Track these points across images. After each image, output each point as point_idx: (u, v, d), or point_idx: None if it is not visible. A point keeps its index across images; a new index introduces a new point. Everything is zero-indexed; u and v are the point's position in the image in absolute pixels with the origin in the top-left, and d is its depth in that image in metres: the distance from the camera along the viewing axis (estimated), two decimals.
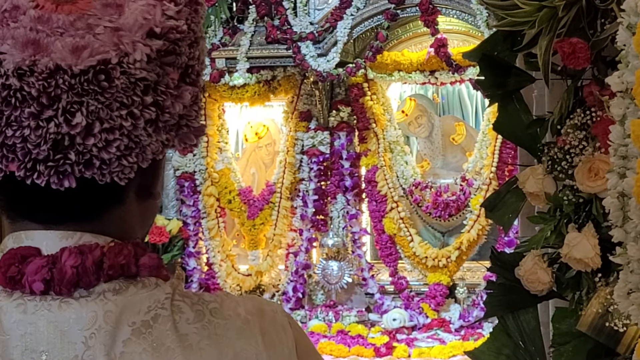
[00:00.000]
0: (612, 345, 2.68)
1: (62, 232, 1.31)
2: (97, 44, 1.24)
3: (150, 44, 1.26)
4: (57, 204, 1.30)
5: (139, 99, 1.26)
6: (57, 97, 1.22)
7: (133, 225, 1.38)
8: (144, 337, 1.26)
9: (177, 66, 1.30)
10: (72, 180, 1.26)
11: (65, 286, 1.27)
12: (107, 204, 1.33)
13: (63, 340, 1.25)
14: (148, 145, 1.29)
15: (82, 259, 1.27)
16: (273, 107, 8.78)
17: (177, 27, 1.30)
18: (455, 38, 7.99)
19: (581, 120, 2.77)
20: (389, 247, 8.37)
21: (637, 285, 1.84)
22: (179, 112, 1.32)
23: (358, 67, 7.91)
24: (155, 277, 1.32)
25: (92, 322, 1.26)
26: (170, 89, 1.30)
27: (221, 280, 8.55)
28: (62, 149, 1.24)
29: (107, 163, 1.26)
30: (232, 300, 1.37)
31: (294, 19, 7.93)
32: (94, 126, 1.24)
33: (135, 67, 1.25)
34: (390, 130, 8.38)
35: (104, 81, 1.23)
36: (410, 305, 8.20)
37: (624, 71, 1.87)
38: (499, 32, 2.97)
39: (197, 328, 1.30)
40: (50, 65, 1.22)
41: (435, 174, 8.51)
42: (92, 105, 1.23)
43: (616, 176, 1.93)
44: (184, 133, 1.34)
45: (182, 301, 1.31)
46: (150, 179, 1.38)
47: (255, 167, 8.92)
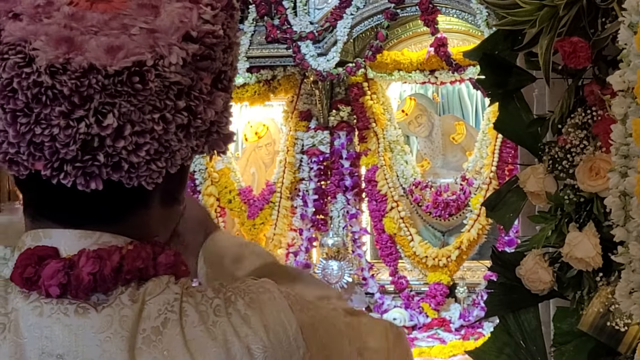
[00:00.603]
0: (613, 344, 2.68)
1: (82, 231, 1.29)
2: (133, 45, 1.22)
3: (186, 47, 1.24)
4: (81, 206, 1.29)
5: (172, 103, 1.24)
6: (89, 97, 1.20)
7: (156, 229, 1.37)
8: (154, 345, 1.26)
9: (211, 71, 1.29)
10: (99, 183, 1.24)
11: (82, 291, 1.26)
12: (131, 208, 1.32)
13: (78, 343, 1.24)
14: (178, 151, 1.27)
15: (100, 265, 1.26)
16: (273, 106, 8.77)
17: (214, 32, 1.28)
18: (455, 37, 7.98)
19: (582, 120, 2.77)
20: (389, 247, 8.37)
21: (639, 284, 1.84)
22: (211, 119, 1.30)
23: (358, 66, 7.90)
24: (169, 275, 1.31)
25: (108, 326, 1.25)
26: (203, 94, 1.28)
27: None
28: (91, 150, 1.22)
29: (135, 167, 1.24)
30: (232, 292, 1.34)
31: (294, 19, 7.92)
32: (125, 128, 1.22)
33: (170, 70, 1.23)
34: (390, 129, 8.37)
35: (137, 83, 1.21)
36: (411, 305, 8.20)
37: (625, 70, 1.87)
38: (500, 31, 2.97)
39: (202, 331, 1.28)
40: (84, 64, 1.20)
41: (435, 174, 8.51)
42: (124, 107, 1.21)
43: (618, 175, 1.93)
44: (214, 140, 1.33)
45: (187, 302, 1.30)
46: (176, 185, 1.38)
47: (255, 167, 8.91)
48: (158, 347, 1.25)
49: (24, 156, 1.24)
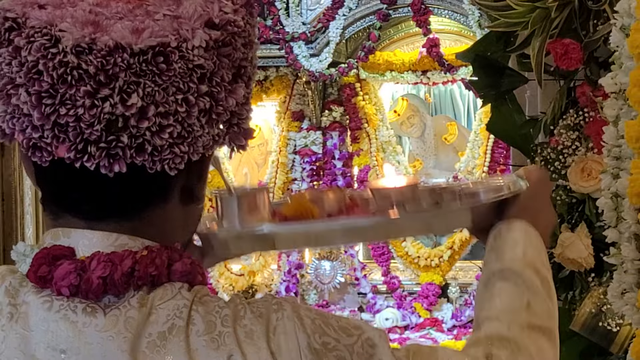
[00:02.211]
0: (605, 345, 2.69)
1: (100, 232, 1.30)
2: (157, 28, 1.24)
3: (208, 32, 1.27)
4: (102, 195, 1.30)
5: (194, 85, 1.26)
6: (114, 76, 1.22)
7: (175, 228, 1.38)
8: (157, 351, 1.26)
9: (232, 61, 1.31)
10: (123, 165, 1.25)
11: (93, 293, 1.27)
12: (151, 201, 1.33)
13: (81, 341, 1.25)
14: (200, 137, 1.29)
15: (111, 270, 1.26)
16: (265, 107, 8.76)
17: (235, 21, 1.30)
18: (447, 38, 7.98)
19: (574, 121, 2.78)
20: (381, 247, 8.36)
21: (631, 285, 1.85)
22: (232, 108, 1.32)
23: (350, 67, 7.91)
24: (182, 283, 1.31)
25: (112, 326, 1.26)
26: (225, 82, 1.30)
27: (214, 280, 8.54)
28: (115, 131, 1.24)
29: (158, 150, 1.25)
30: (242, 306, 1.34)
31: (286, 19, 7.92)
32: (149, 109, 1.23)
33: (194, 53, 1.25)
34: (383, 130, 8.37)
35: (162, 63, 1.23)
36: (403, 305, 8.20)
37: (617, 72, 1.88)
38: (492, 32, 2.98)
39: (206, 341, 1.27)
40: (110, 43, 1.22)
41: (427, 174, 8.51)
42: (148, 86, 1.23)
43: (610, 177, 1.94)
44: (234, 132, 1.35)
45: (196, 310, 1.30)
46: (196, 180, 1.38)
47: (248, 167, 8.91)
48: (161, 352, 1.25)
49: (48, 139, 1.25)
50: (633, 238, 1.84)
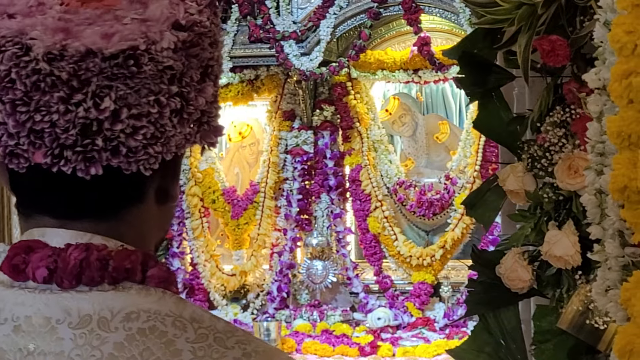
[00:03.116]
0: (592, 342, 2.68)
1: (74, 231, 1.31)
2: (126, 32, 1.26)
3: (176, 34, 1.29)
4: (80, 198, 1.31)
5: (165, 87, 1.28)
6: (87, 81, 1.24)
7: (150, 228, 1.39)
8: (136, 345, 1.25)
9: (200, 60, 1.33)
10: (99, 168, 1.26)
11: (67, 277, 1.27)
12: (127, 201, 1.34)
13: (52, 335, 1.25)
14: (172, 137, 1.31)
15: (87, 254, 1.28)
16: (256, 106, 8.77)
17: (201, 22, 1.33)
18: (438, 37, 7.99)
19: (561, 118, 2.77)
20: (373, 246, 8.37)
21: (615, 282, 1.83)
22: (202, 107, 1.34)
23: (341, 66, 7.90)
24: (162, 290, 1.31)
25: (86, 324, 1.26)
26: (194, 82, 1.32)
27: (205, 280, 8.53)
28: (90, 135, 1.25)
29: (133, 151, 1.27)
30: (246, 337, 1.33)
31: (277, 18, 7.92)
32: (122, 112, 1.25)
33: (163, 55, 1.27)
34: (374, 129, 8.37)
35: (132, 66, 1.25)
36: (395, 304, 8.20)
37: (600, 68, 1.86)
38: (479, 29, 2.97)
39: (194, 347, 1.27)
40: (81, 49, 1.23)
41: (419, 173, 8.51)
42: (121, 90, 1.25)
43: (593, 173, 1.92)
44: (205, 130, 1.37)
45: (189, 323, 1.29)
46: (170, 180, 1.39)
47: (239, 167, 8.90)
48: (140, 347, 1.25)
49: (24, 146, 1.26)
50: (617, 234, 1.82)
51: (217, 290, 8.58)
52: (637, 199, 1.58)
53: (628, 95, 1.58)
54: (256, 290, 8.60)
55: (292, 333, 8.03)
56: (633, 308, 1.54)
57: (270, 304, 8.42)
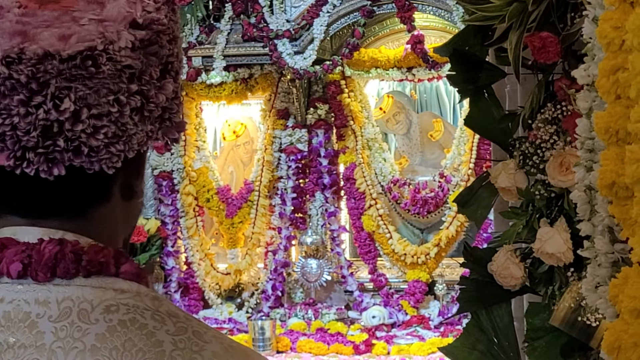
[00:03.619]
0: (584, 339, 2.68)
1: (45, 229, 1.32)
2: (84, 33, 1.27)
3: (133, 33, 1.30)
4: (44, 197, 1.32)
5: (124, 86, 1.29)
6: (46, 83, 1.25)
7: (117, 225, 1.40)
8: (117, 336, 1.27)
9: (159, 58, 1.34)
10: (62, 168, 1.27)
11: (42, 270, 1.28)
12: (92, 200, 1.35)
13: (32, 328, 1.26)
14: (134, 135, 1.32)
15: (61, 247, 1.29)
16: (251, 105, 8.76)
17: (159, 19, 1.34)
18: (432, 34, 7.98)
19: (552, 115, 2.77)
20: (367, 245, 8.36)
21: (605, 278, 1.83)
22: (162, 104, 1.35)
23: (335, 64, 7.89)
24: (137, 284, 1.33)
25: (66, 316, 1.27)
26: (154, 79, 1.33)
27: (200, 279, 8.52)
28: (51, 136, 1.26)
29: (95, 150, 1.28)
30: (219, 334, 1.36)
31: (270, 17, 7.91)
32: (82, 112, 1.26)
33: (121, 54, 1.28)
34: (368, 127, 8.36)
35: (91, 67, 1.26)
36: (390, 303, 8.19)
37: (589, 64, 1.87)
38: (470, 26, 2.97)
39: (175, 339, 1.29)
40: (38, 52, 1.24)
41: (413, 171, 8.51)
42: (80, 90, 1.25)
43: (583, 169, 1.93)
44: (167, 127, 1.38)
45: (167, 317, 1.31)
46: (134, 176, 1.41)
47: (234, 166, 8.89)
48: (122, 338, 1.27)
49: None
50: (606, 231, 1.83)
51: (212, 289, 8.57)
52: (625, 195, 1.58)
53: (615, 91, 1.58)
54: (251, 289, 8.59)
55: (286, 332, 8.02)
56: (621, 304, 1.54)
57: (265, 302, 8.41)
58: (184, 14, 7.94)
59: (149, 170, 8.51)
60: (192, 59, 8.09)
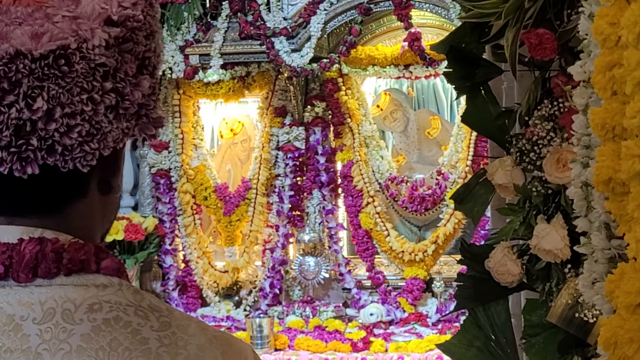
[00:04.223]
0: (582, 336, 2.68)
1: (24, 227, 1.31)
2: (56, 31, 1.26)
3: (108, 30, 1.29)
4: (20, 195, 1.31)
5: (98, 84, 1.28)
6: (17, 82, 1.24)
7: (95, 220, 1.39)
8: (103, 335, 1.26)
9: (134, 55, 1.33)
10: (35, 167, 1.27)
11: (24, 271, 1.28)
12: (69, 196, 1.35)
13: (17, 332, 1.25)
14: (109, 132, 1.31)
15: (42, 246, 1.29)
16: (248, 103, 8.76)
17: (134, 16, 1.32)
18: (429, 32, 7.98)
19: (549, 111, 2.77)
20: (365, 242, 8.37)
21: (602, 274, 1.83)
22: (138, 101, 1.34)
23: (332, 62, 7.89)
24: (118, 279, 1.33)
25: (50, 317, 1.26)
26: (129, 76, 1.32)
27: (198, 277, 8.52)
28: (24, 135, 1.25)
29: (69, 149, 1.27)
30: (204, 324, 1.37)
31: (267, 15, 7.91)
32: (55, 111, 1.25)
33: (94, 52, 1.27)
34: (366, 125, 8.37)
35: (63, 65, 1.25)
36: (388, 300, 8.20)
37: (585, 60, 1.87)
38: (466, 24, 2.97)
39: (159, 336, 1.29)
40: (10, 51, 1.24)
41: (411, 168, 8.51)
42: (52, 89, 1.25)
43: (580, 166, 1.93)
44: (144, 123, 1.37)
45: (150, 312, 1.31)
46: (111, 172, 1.40)
47: (231, 164, 8.89)
48: (107, 337, 1.27)
49: None
50: (603, 227, 1.83)
51: (210, 287, 8.57)
52: (621, 191, 1.58)
53: (612, 87, 1.57)
54: (249, 287, 8.60)
55: (284, 329, 8.03)
56: (617, 300, 1.54)
57: (262, 300, 8.42)
58: (181, 12, 7.93)
59: (147, 169, 8.52)
60: (190, 57, 8.08)
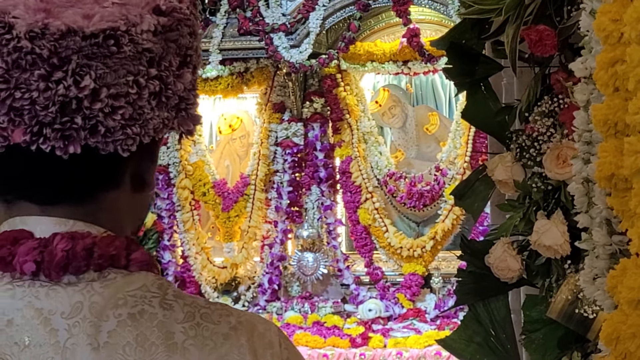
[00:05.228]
0: (582, 332, 2.69)
1: (56, 218, 1.32)
2: (107, 13, 1.27)
3: (156, 18, 1.31)
4: (57, 178, 1.32)
5: (144, 69, 1.30)
6: (67, 59, 1.25)
7: (125, 215, 1.40)
8: (129, 330, 1.27)
9: (178, 46, 1.35)
10: (77, 146, 1.27)
11: (55, 269, 1.28)
12: (104, 184, 1.35)
13: (46, 327, 1.26)
14: (150, 119, 1.32)
15: (73, 244, 1.29)
16: (246, 99, 8.76)
17: (181, 9, 1.35)
18: (427, 28, 7.99)
19: (549, 108, 2.77)
20: (364, 238, 8.38)
21: (603, 270, 1.84)
22: (180, 93, 1.35)
23: (331, 58, 7.90)
24: (145, 272, 1.33)
25: (77, 312, 1.27)
26: (173, 67, 1.34)
27: (196, 273, 8.53)
28: (69, 113, 1.26)
29: (111, 131, 1.28)
30: (225, 309, 1.37)
31: (266, 11, 7.91)
32: (101, 91, 1.26)
33: (142, 37, 1.29)
34: (364, 121, 8.38)
35: (112, 46, 1.26)
36: (386, 296, 8.21)
37: (587, 57, 1.87)
38: (467, 20, 2.97)
39: (185, 328, 1.30)
40: (62, 28, 1.24)
41: (409, 164, 8.52)
42: (100, 69, 1.26)
43: (581, 162, 1.93)
44: (183, 117, 1.38)
45: (174, 301, 1.32)
46: (146, 167, 1.40)
47: (230, 159, 8.90)
48: (133, 332, 1.27)
49: (4, 124, 1.26)
50: (604, 223, 1.83)
51: (208, 283, 8.58)
52: (624, 187, 1.58)
53: (614, 83, 1.58)
54: (247, 283, 8.60)
55: (283, 325, 8.04)
56: (619, 295, 1.55)
57: (261, 296, 8.43)
58: None
59: None
60: None
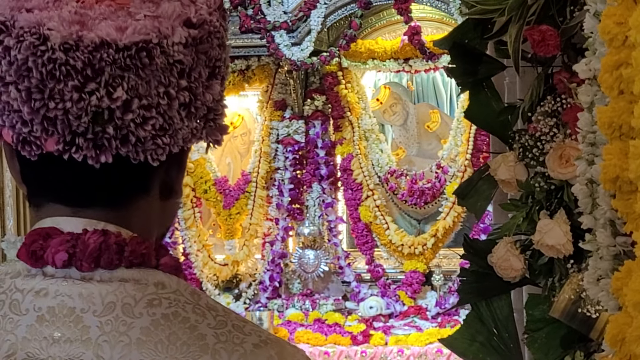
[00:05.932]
0: (584, 331, 2.69)
1: (87, 220, 1.34)
2: (139, 26, 1.30)
3: (187, 30, 1.33)
4: (89, 185, 1.34)
5: (175, 80, 1.32)
6: (100, 70, 1.27)
7: (153, 222, 1.42)
8: (162, 329, 1.29)
9: (208, 58, 1.37)
10: (109, 156, 1.30)
11: (87, 260, 1.30)
12: (134, 191, 1.37)
13: (77, 323, 1.29)
14: (180, 130, 1.34)
15: (105, 237, 1.32)
16: (248, 96, 8.76)
17: (211, 21, 1.37)
18: (428, 26, 7.99)
19: (552, 107, 2.78)
20: (365, 235, 8.38)
21: (607, 271, 1.85)
22: (208, 104, 1.38)
23: (332, 55, 7.90)
24: (177, 278, 1.36)
25: (110, 310, 1.29)
26: (202, 78, 1.36)
27: (198, 270, 8.54)
28: (102, 123, 1.29)
29: (142, 141, 1.31)
30: (257, 326, 1.38)
31: (268, 8, 7.91)
32: (133, 102, 1.29)
33: (174, 49, 1.31)
34: (365, 118, 8.38)
35: (145, 58, 1.29)
36: (387, 293, 8.22)
37: (591, 58, 1.88)
38: (470, 20, 2.97)
39: (217, 333, 1.32)
40: (95, 40, 1.27)
41: (410, 162, 8.52)
42: (132, 80, 1.28)
43: (585, 163, 1.94)
44: (211, 127, 1.40)
45: (207, 310, 1.34)
46: (174, 175, 1.43)
47: (231, 157, 8.90)
48: (165, 331, 1.29)
49: (37, 133, 1.30)
50: (608, 224, 1.84)
51: (210, 280, 8.58)
52: (628, 189, 1.59)
53: (619, 86, 1.59)
54: (248, 280, 8.61)
55: (284, 322, 8.05)
56: (624, 297, 1.56)
57: (262, 293, 8.43)
58: None
59: None
60: None
